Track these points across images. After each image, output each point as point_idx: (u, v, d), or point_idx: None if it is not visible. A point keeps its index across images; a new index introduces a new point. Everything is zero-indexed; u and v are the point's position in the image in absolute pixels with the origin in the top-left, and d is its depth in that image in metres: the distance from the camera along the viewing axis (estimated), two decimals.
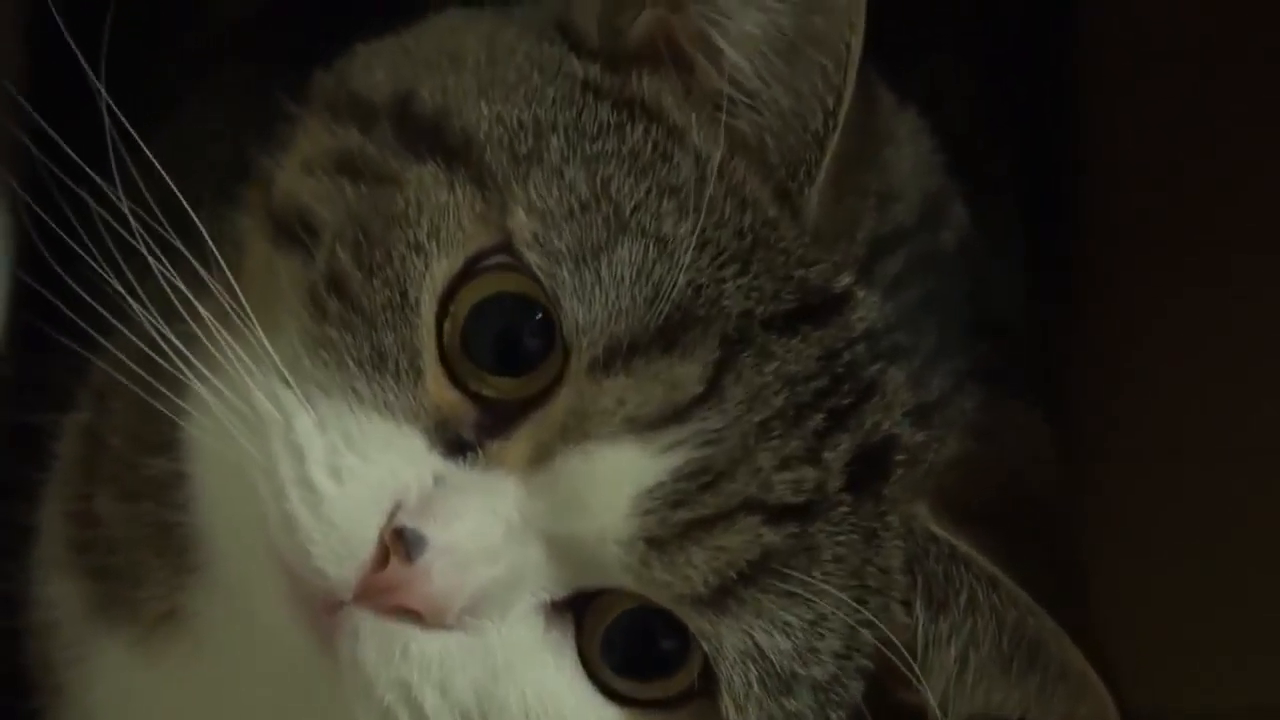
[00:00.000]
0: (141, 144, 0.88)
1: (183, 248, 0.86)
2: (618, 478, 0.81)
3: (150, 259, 0.86)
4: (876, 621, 0.83)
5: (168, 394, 0.87)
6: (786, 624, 0.82)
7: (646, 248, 0.82)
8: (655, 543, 0.81)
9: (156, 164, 0.87)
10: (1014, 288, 1.06)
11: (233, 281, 0.85)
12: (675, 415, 0.81)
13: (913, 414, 0.86)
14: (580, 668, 0.84)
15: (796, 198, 0.86)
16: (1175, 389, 1.10)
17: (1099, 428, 1.12)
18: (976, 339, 0.92)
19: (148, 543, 0.95)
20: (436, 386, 0.84)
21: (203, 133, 1.07)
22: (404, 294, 0.84)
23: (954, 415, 0.88)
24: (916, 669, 0.84)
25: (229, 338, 0.84)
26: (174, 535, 0.93)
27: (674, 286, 0.81)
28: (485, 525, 0.81)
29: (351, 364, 0.83)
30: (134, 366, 0.89)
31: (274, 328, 0.85)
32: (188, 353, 0.85)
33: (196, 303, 0.85)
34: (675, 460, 0.81)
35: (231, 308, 0.85)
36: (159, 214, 0.86)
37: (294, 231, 0.87)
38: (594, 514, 0.81)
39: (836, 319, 0.85)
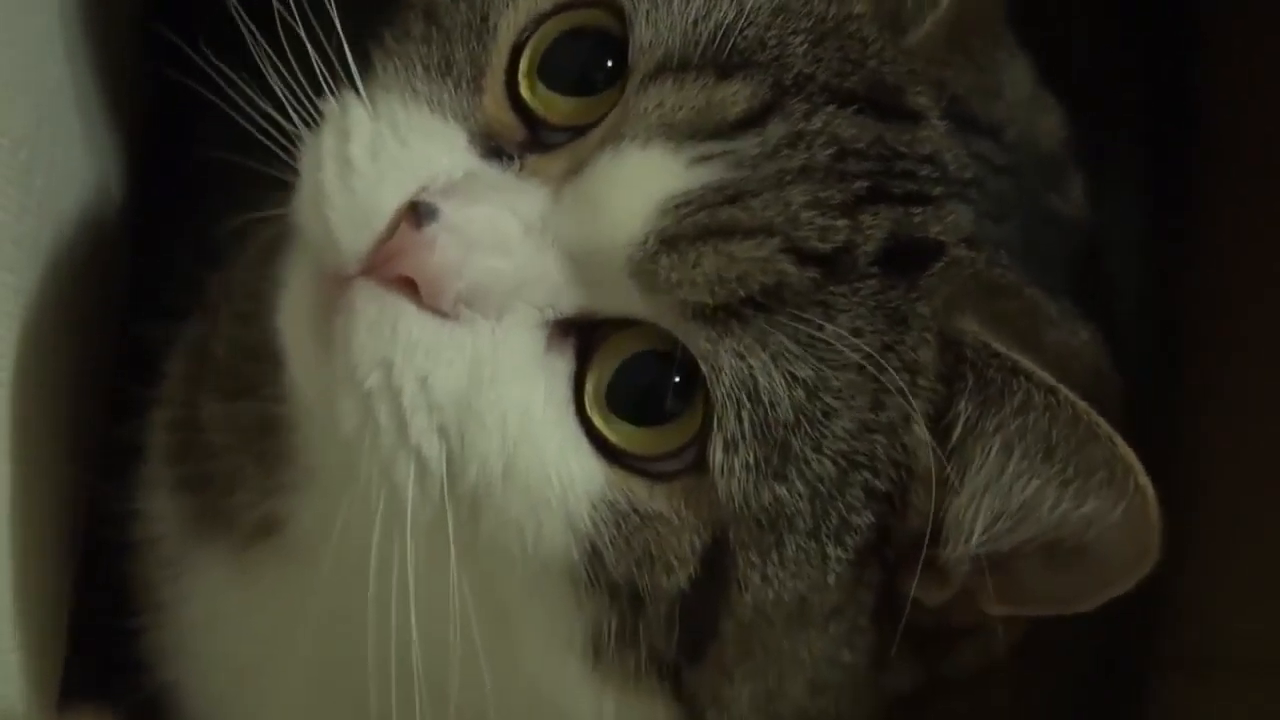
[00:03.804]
0: None
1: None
2: (642, 178, 0.82)
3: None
4: (893, 387, 0.82)
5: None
6: (790, 374, 0.81)
7: None
8: (669, 242, 0.81)
9: None
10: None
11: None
12: (713, 131, 0.82)
13: (969, 241, 0.85)
14: (572, 405, 0.83)
15: (910, 14, 0.87)
16: None
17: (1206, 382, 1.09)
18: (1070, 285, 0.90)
19: (245, 446, 0.96)
20: (494, 105, 0.86)
21: None
22: (484, 18, 0.87)
23: (1016, 271, 0.87)
24: (944, 457, 0.82)
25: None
26: (270, 435, 0.94)
27: (739, 32, 0.84)
28: (503, 219, 0.82)
29: (419, 66, 0.87)
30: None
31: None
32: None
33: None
34: (705, 175, 0.82)
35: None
36: None
37: None
38: (613, 212, 0.81)
39: (901, 124, 0.86)
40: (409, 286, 0.81)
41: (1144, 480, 0.80)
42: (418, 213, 0.81)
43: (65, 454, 1.03)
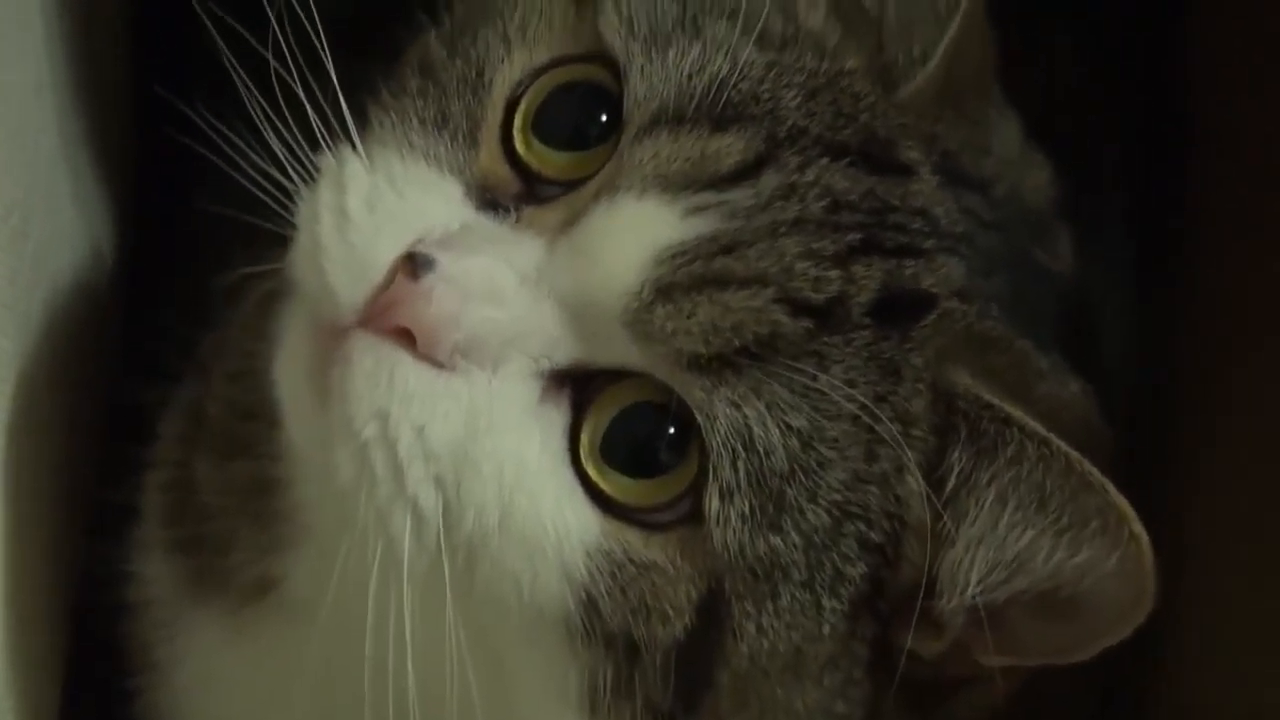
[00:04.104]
0: None
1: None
2: (638, 228, 0.82)
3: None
4: (888, 437, 0.82)
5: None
6: (785, 424, 0.81)
7: (716, 52, 0.85)
8: (664, 291, 0.81)
9: None
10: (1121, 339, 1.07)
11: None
12: (707, 182, 0.83)
13: (961, 294, 0.86)
14: (567, 456, 0.84)
15: (902, 70, 0.88)
16: None
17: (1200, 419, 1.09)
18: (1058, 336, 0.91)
19: (240, 506, 0.97)
20: (489, 158, 0.87)
21: None
22: (480, 73, 0.88)
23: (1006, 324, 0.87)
24: (939, 507, 0.82)
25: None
26: (264, 495, 0.94)
27: (733, 85, 0.85)
28: (499, 270, 0.83)
29: (415, 120, 0.88)
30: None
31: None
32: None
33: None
34: (700, 226, 0.82)
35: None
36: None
37: None
38: (608, 262, 0.82)
39: (893, 178, 0.86)
40: (405, 337, 0.82)
41: (1138, 529, 0.80)
42: (415, 263, 0.82)
43: (58, 517, 1.03)
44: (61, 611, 1.04)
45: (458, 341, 0.82)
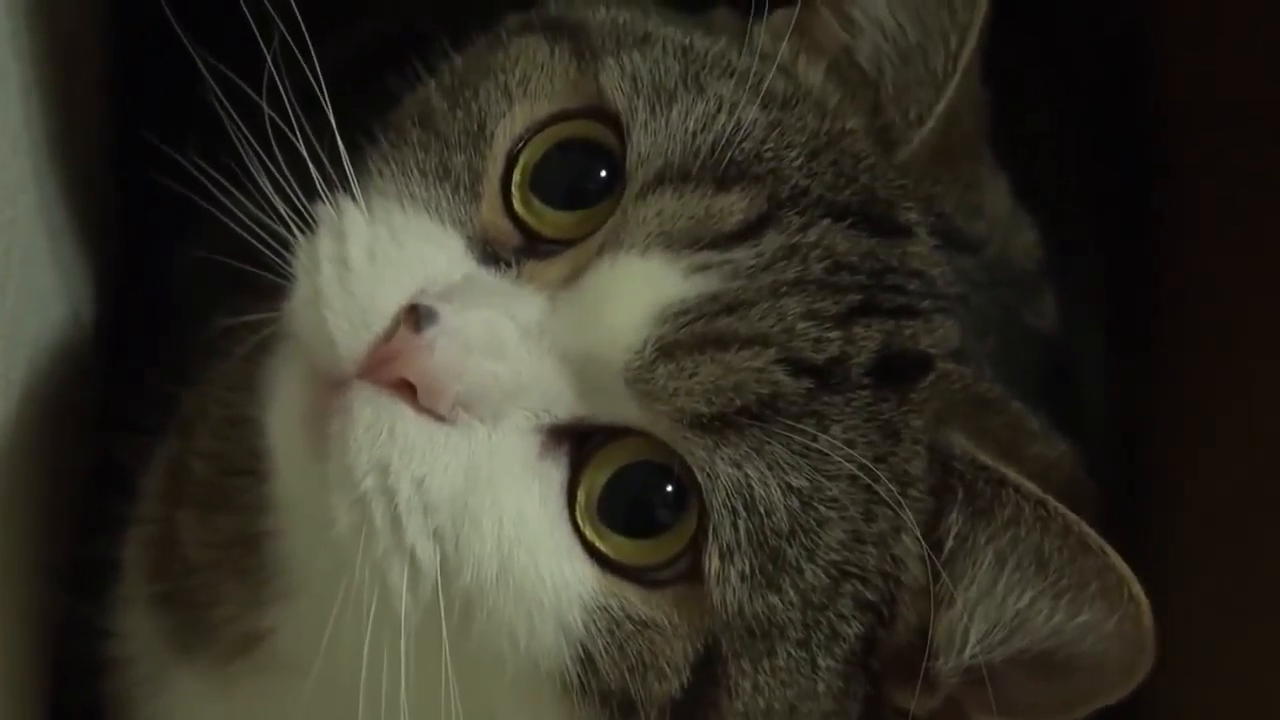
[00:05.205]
0: None
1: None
2: (640, 287, 0.82)
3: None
4: (887, 498, 0.82)
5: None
6: (785, 483, 0.81)
7: (719, 108, 0.86)
8: (666, 350, 0.81)
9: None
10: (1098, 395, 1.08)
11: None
12: (711, 241, 0.83)
13: (957, 355, 0.87)
14: (565, 512, 0.83)
15: (900, 131, 0.89)
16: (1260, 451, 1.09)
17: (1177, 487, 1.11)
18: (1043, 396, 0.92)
19: (224, 562, 0.96)
20: (490, 212, 0.87)
21: None
22: (481, 126, 0.88)
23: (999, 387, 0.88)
24: (939, 566, 0.83)
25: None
26: (250, 549, 0.94)
27: (737, 145, 0.85)
28: (501, 323, 0.83)
29: (415, 171, 0.88)
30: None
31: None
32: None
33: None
34: (702, 285, 0.82)
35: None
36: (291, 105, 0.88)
37: None
38: (611, 319, 0.82)
39: (892, 239, 0.87)
40: (406, 389, 0.82)
41: (1138, 590, 0.81)
42: (418, 315, 0.82)
43: (36, 576, 1.02)
44: (42, 672, 1.03)
45: (459, 394, 0.82)
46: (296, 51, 0.88)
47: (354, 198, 0.87)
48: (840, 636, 0.84)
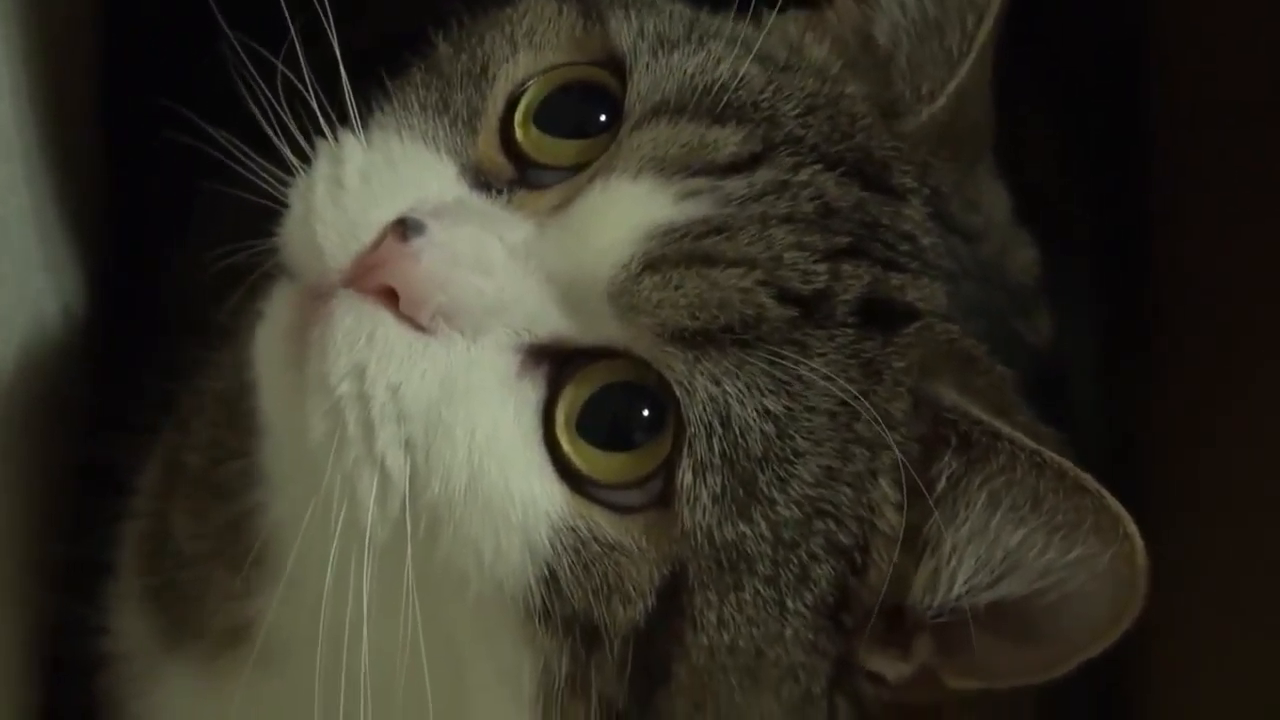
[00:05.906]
0: None
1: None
2: (630, 207, 0.83)
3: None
4: (868, 417, 0.82)
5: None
6: (762, 407, 0.81)
7: (719, 61, 0.87)
8: (653, 264, 0.82)
9: None
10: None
11: None
12: (703, 168, 0.84)
13: (944, 315, 0.87)
14: (539, 432, 0.84)
15: (908, 104, 0.90)
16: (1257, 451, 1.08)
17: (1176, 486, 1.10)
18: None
19: (215, 552, 0.96)
20: (486, 146, 0.88)
21: None
22: (484, 68, 0.90)
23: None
24: (931, 504, 0.82)
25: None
26: (239, 534, 0.93)
27: (734, 90, 0.86)
28: (488, 241, 0.83)
29: (415, 105, 0.89)
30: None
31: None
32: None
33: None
34: (692, 210, 0.83)
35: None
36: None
37: None
38: (600, 237, 0.83)
39: (884, 198, 0.87)
40: (389, 298, 0.82)
41: (1133, 529, 0.80)
42: (405, 227, 0.82)
43: (28, 575, 1.02)
44: (34, 669, 1.03)
45: (441, 305, 0.82)
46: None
47: (354, 131, 0.87)
48: (810, 579, 0.83)
